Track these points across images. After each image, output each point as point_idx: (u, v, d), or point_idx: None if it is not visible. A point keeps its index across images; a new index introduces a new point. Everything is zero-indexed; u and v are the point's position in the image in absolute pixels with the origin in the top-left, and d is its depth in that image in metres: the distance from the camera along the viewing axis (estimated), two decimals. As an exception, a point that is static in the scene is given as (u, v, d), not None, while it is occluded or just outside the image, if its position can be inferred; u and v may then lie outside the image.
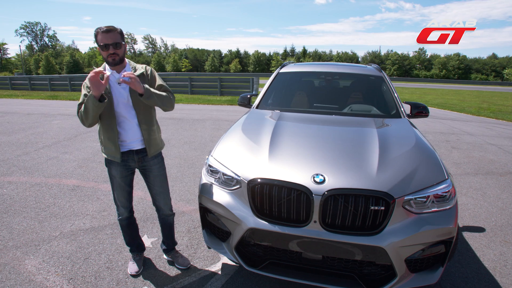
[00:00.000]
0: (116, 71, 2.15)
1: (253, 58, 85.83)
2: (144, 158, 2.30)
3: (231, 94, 18.43)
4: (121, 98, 2.16)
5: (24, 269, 2.49)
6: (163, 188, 2.44)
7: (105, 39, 2.02)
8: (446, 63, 77.58)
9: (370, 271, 1.99)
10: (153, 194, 2.45)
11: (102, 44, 2.03)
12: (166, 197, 2.48)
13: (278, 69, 4.17)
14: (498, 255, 2.86)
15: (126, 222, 2.48)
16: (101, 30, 2.03)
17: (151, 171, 2.36)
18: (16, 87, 23.18)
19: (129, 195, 2.42)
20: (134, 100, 2.17)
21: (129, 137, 2.22)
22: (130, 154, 2.26)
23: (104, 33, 2.02)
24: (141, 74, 2.21)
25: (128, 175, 2.35)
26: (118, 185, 2.34)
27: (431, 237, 1.90)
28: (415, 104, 3.47)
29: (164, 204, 2.48)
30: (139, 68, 2.26)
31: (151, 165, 2.34)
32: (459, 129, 9.52)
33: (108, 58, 2.07)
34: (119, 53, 2.09)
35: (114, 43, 2.05)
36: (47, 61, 71.70)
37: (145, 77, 2.24)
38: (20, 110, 11.55)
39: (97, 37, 2.05)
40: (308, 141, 2.47)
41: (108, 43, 2.03)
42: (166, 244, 2.63)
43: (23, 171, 4.81)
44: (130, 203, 2.46)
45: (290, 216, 1.94)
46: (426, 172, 2.08)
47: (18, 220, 3.27)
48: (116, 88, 2.15)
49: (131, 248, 2.57)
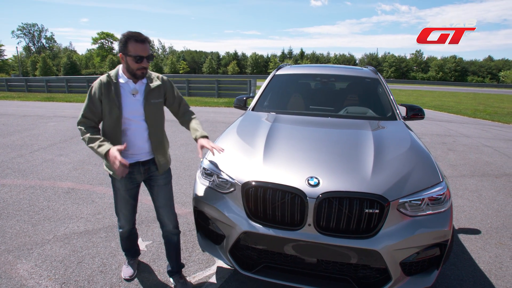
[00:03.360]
0: (132, 81, 1.99)
1: (250, 60, 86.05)
2: (150, 169, 2.16)
3: (229, 96, 18.43)
4: (133, 110, 1.99)
5: (16, 273, 2.46)
6: (167, 200, 2.25)
7: (140, 50, 1.85)
8: (442, 65, 78.11)
9: (365, 274, 1.98)
10: (157, 206, 2.26)
11: (136, 56, 1.84)
12: (170, 211, 2.27)
13: (274, 71, 4.17)
14: (494, 257, 2.85)
15: (127, 234, 2.37)
16: (136, 39, 1.83)
17: (156, 181, 2.20)
18: (12, 89, 23.04)
19: (133, 208, 2.27)
20: (148, 114, 2.02)
21: (136, 150, 2.07)
22: (136, 166, 2.09)
23: (139, 44, 1.84)
24: (156, 87, 2.06)
25: (133, 188, 2.19)
26: (122, 198, 2.18)
27: (426, 240, 1.90)
28: (411, 106, 3.48)
29: (167, 218, 2.26)
30: (155, 78, 2.09)
31: (157, 175, 2.19)
32: (455, 131, 9.56)
33: (137, 71, 1.91)
34: (148, 66, 1.95)
35: (148, 56, 1.89)
36: (44, 63, 71.43)
37: (161, 89, 2.09)
38: (16, 112, 11.47)
39: (128, 45, 1.84)
40: (303, 144, 2.46)
41: (143, 56, 1.86)
42: (171, 266, 2.38)
43: (17, 173, 4.77)
44: (133, 216, 2.32)
45: (284, 219, 1.93)
46: (421, 175, 2.07)
47: (11, 224, 3.23)
48: (128, 98, 1.98)
49: (126, 253, 2.51)
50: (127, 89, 1.98)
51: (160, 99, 2.10)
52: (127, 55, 1.87)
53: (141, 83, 2.02)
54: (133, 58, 1.86)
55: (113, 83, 1.95)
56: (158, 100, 2.08)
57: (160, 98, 2.09)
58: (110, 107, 1.95)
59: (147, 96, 2.02)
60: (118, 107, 1.94)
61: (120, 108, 1.95)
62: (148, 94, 2.02)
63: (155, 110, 2.07)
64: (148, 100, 2.02)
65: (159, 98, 2.09)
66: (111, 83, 1.95)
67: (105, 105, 1.95)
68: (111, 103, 1.94)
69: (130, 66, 1.90)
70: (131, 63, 1.89)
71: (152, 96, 2.05)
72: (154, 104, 2.06)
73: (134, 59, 1.86)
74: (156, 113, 2.08)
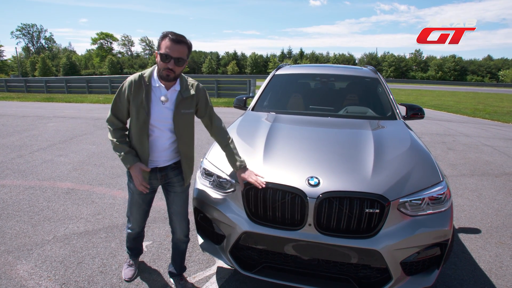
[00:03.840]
0: (164, 86, 1.88)
1: (250, 60, 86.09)
2: (168, 175, 2.08)
3: (228, 96, 18.43)
4: (162, 118, 1.90)
5: (16, 274, 2.45)
6: (181, 208, 2.18)
7: (170, 49, 1.74)
8: (442, 64, 78.19)
9: (366, 274, 1.98)
10: (170, 213, 2.20)
11: (163, 53, 1.74)
12: (182, 219, 2.20)
13: (274, 71, 4.17)
14: (494, 257, 2.85)
15: (134, 236, 2.35)
16: (170, 37, 1.74)
17: (173, 188, 2.13)
18: (11, 90, 23.02)
19: (145, 214, 2.23)
20: (177, 124, 1.93)
21: (155, 157, 1.99)
22: (153, 172, 2.02)
23: (172, 42, 1.74)
24: (189, 97, 1.95)
25: (149, 194, 2.12)
26: (135, 201, 2.13)
27: (427, 240, 1.90)
28: (411, 106, 3.48)
29: (179, 226, 2.21)
30: (189, 86, 1.97)
31: (175, 181, 2.11)
32: (455, 130, 9.57)
33: (163, 72, 1.80)
34: (177, 71, 1.81)
35: (178, 58, 1.77)
36: (43, 63, 71.45)
37: (193, 99, 1.99)
38: (15, 113, 11.46)
39: (162, 41, 1.77)
40: (303, 144, 2.46)
41: (172, 56, 1.75)
42: (173, 268, 2.37)
43: (17, 174, 4.76)
44: (144, 221, 2.28)
45: (284, 219, 1.93)
46: (421, 174, 2.07)
47: (10, 224, 3.23)
48: (157, 105, 1.88)
49: (129, 252, 2.50)
50: (158, 94, 1.88)
51: (191, 110, 1.99)
52: (158, 52, 1.78)
53: (173, 90, 1.91)
54: (160, 56, 1.76)
55: (145, 85, 1.85)
56: (189, 111, 1.98)
57: (192, 108, 1.99)
58: (137, 110, 1.86)
59: (178, 105, 1.91)
60: (146, 112, 1.85)
61: (148, 114, 1.86)
62: (179, 104, 1.91)
63: (186, 121, 1.97)
64: (179, 110, 1.92)
65: (191, 108, 1.98)
66: (143, 85, 1.85)
67: (132, 106, 1.87)
68: (138, 106, 1.85)
69: (158, 64, 1.82)
70: (159, 61, 1.79)
71: (184, 106, 1.94)
72: (185, 114, 1.95)
73: (161, 56, 1.76)
74: (186, 123, 1.98)
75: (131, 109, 1.88)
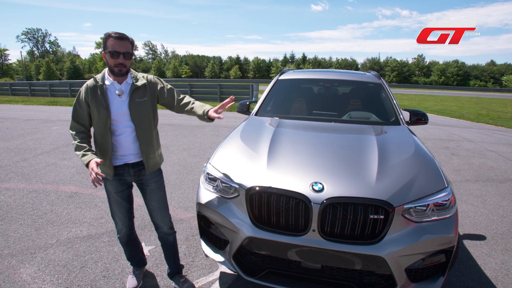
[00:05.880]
0: (117, 82, 2.01)
1: (253, 65, 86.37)
2: (140, 172, 2.16)
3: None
4: (120, 111, 2.01)
5: (19, 277, 2.46)
6: (160, 203, 2.25)
7: (116, 46, 1.88)
8: (445, 69, 78.05)
9: (370, 281, 1.96)
10: (150, 209, 2.27)
11: (112, 51, 1.88)
12: (163, 213, 2.28)
13: (277, 76, 4.18)
14: (500, 264, 2.82)
15: (125, 239, 2.34)
16: (113, 36, 1.88)
17: (148, 185, 2.21)
18: (16, 93, 23.23)
19: (127, 211, 2.25)
20: (133, 114, 2.03)
21: (125, 151, 2.08)
22: (125, 168, 2.11)
23: (117, 40, 1.88)
24: (143, 85, 2.06)
25: (125, 190, 2.18)
26: (114, 200, 2.19)
27: (432, 246, 1.88)
28: (414, 111, 3.47)
29: (161, 221, 2.29)
30: (140, 78, 2.09)
31: (148, 178, 2.19)
32: (458, 135, 9.52)
33: (115, 68, 1.93)
34: (127, 64, 1.96)
35: (125, 53, 1.91)
36: (47, 67, 72.09)
37: (146, 88, 2.09)
38: (19, 116, 11.55)
39: (107, 42, 1.89)
40: (307, 149, 2.45)
41: (119, 52, 1.89)
42: (170, 268, 2.40)
43: (20, 177, 4.78)
44: (129, 220, 2.29)
45: (288, 224, 1.92)
46: (425, 180, 2.06)
47: (14, 228, 3.24)
48: (114, 100, 2.00)
49: (131, 262, 2.48)
50: (113, 91, 2.00)
51: (145, 98, 2.08)
52: (105, 51, 1.91)
53: (126, 83, 2.03)
54: (109, 53, 1.88)
55: (99, 86, 1.97)
56: (143, 99, 2.07)
57: (146, 96, 2.08)
58: (97, 109, 1.98)
59: (132, 95, 2.03)
60: (105, 108, 1.97)
61: (108, 109, 1.97)
62: (132, 93, 2.03)
63: (140, 109, 2.06)
64: (133, 100, 2.03)
65: (144, 96, 2.07)
66: (97, 86, 1.98)
67: (93, 108, 1.99)
68: (98, 105, 1.97)
69: (108, 62, 1.93)
70: (109, 59, 1.91)
71: (137, 95, 2.05)
72: (139, 103, 2.05)
73: (110, 54, 1.88)
74: (141, 112, 2.07)
75: (92, 110, 2.00)
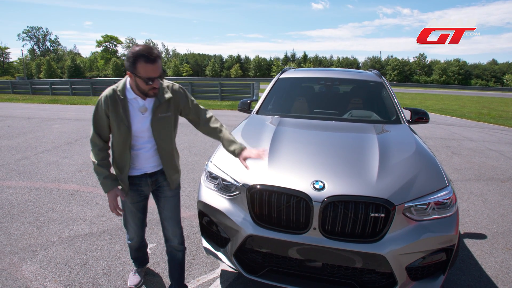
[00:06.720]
0: (140, 97, 1.83)
1: (253, 63, 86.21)
2: (158, 180, 2.06)
3: (232, 99, 18.48)
4: (142, 127, 1.88)
5: (21, 275, 2.47)
6: (172, 213, 2.12)
7: (151, 71, 1.66)
8: (446, 68, 77.79)
9: (371, 279, 1.97)
10: (162, 219, 2.15)
11: (146, 77, 1.66)
12: (174, 225, 2.14)
13: (279, 75, 4.18)
14: (500, 263, 2.83)
15: (136, 246, 2.32)
16: (145, 58, 1.63)
17: (163, 192, 2.09)
18: (17, 91, 23.27)
19: (141, 222, 2.19)
20: (155, 130, 1.90)
21: (143, 164, 1.98)
22: (143, 178, 2.01)
23: (150, 64, 1.64)
24: (166, 101, 1.90)
25: (141, 201, 2.09)
26: (129, 210, 2.10)
27: (432, 245, 1.89)
28: (416, 110, 3.48)
29: (172, 233, 2.14)
30: (165, 89, 1.91)
31: (164, 185, 2.08)
32: (459, 134, 9.51)
33: (149, 92, 1.75)
34: (159, 84, 1.78)
35: (160, 75, 1.72)
36: (48, 66, 72.22)
37: (171, 102, 1.93)
38: (20, 114, 11.57)
39: (137, 63, 1.64)
40: (308, 147, 2.46)
41: (155, 77, 1.68)
42: (173, 285, 2.22)
43: (22, 175, 4.80)
44: (142, 230, 2.24)
45: (289, 222, 1.93)
46: (426, 179, 2.06)
47: (16, 225, 3.25)
48: (136, 116, 1.85)
49: (135, 261, 2.47)
50: (135, 106, 1.84)
51: (169, 113, 1.94)
52: (136, 76, 1.69)
53: (150, 98, 1.88)
54: (143, 80, 1.69)
55: (120, 100, 1.81)
56: (167, 114, 1.93)
57: (169, 111, 1.94)
58: (118, 124, 1.83)
59: (155, 111, 1.88)
60: (126, 125, 1.83)
61: (129, 127, 1.84)
62: (156, 109, 1.88)
63: (163, 124, 1.93)
64: (156, 115, 1.88)
65: (168, 111, 1.93)
66: (118, 99, 1.81)
67: (112, 121, 1.84)
68: (119, 121, 1.83)
69: (140, 86, 1.75)
70: (141, 84, 1.72)
71: (161, 110, 1.90)
72: (162, 118, 1.91)
73: (144, 81, 1.69)
74: (164, 127, 1.94)
75: (112, 124, 1.85)
